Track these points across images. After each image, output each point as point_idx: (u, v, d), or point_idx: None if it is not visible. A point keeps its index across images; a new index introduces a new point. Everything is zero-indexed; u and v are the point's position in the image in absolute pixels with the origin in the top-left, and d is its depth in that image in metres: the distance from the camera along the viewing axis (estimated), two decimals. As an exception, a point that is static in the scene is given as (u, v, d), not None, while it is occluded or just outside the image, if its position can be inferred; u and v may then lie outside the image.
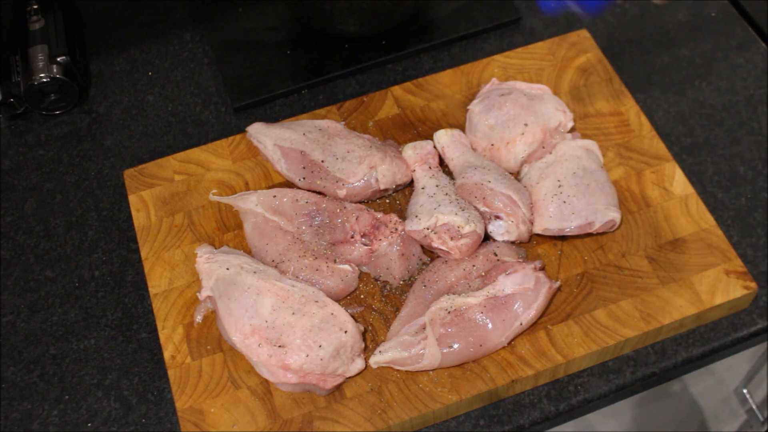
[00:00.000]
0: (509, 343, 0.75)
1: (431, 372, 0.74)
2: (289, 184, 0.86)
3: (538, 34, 1.01)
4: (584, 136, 0.88)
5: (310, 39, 1.02)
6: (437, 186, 0.83)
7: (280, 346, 0.73)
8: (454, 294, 0.77)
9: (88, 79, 1.01)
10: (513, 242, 0.81)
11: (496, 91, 0.89)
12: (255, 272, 0.77)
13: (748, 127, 0.93)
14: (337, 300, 0.78)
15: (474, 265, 0.79)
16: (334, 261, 0.80)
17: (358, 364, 0.74)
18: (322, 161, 0.84)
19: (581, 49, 0.95)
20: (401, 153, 0.86)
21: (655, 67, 0.98)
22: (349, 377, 0.74)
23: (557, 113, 0.87)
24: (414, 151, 0.86)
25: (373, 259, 0.81)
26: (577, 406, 0.76)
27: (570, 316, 0.77)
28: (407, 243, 0.81)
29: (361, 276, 0.81)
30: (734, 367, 1.04)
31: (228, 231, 0.84)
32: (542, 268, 0.79)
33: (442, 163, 0.87)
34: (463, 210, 0.79)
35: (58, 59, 0.95)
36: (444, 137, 0.87)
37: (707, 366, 0.82)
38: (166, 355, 0.77)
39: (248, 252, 0.82)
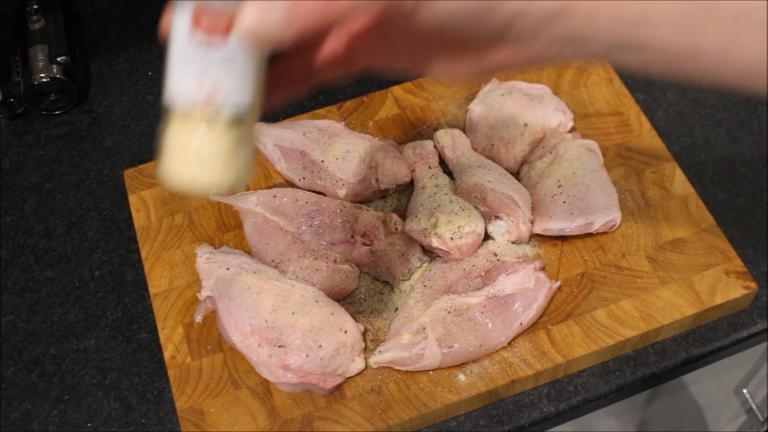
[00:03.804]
0: (509, 343, 0.75)
1: (431, 372, 0.74)
2: (289, 184, 0.86)
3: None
4: (584, 136, 0.88)
5: (310, 39, 1.01)
6: (437, 186, 0.83)
7: (280, 346, 0.73)
8: (454, 294, 0.77)
9: (88, 79, 1.01)
10: (513, 242, 0.81)
11: (496, 91, 0.89)
12: (255, 272, 0.77)
13: (748, 127, 0.93)
14: (337, 300, 0.78)
15: (474, 265, 0.79)
16: (334, 261, 0.80)
17: (358, 364, 0.74)
18: (322, 161, 0.84)
19: (581, 49, 0.95)
20: (401, 153, 0.86)
21: (655, 67, 0.98)
22: (349, 377, 0.74)
23: (557, 113, 0.87)
24: (414, 151, 0.86)
25: (373, 259, 0.81)
26: (577, 406, 0.76)
27: (570, 316, 0.77)
28: (407, 243, 0.81)
29: (361, 276, 0.81)
30: (734, 367, 1.04)
31: (228, 231, 0.84)
32: (542, 268, 0.79)
33: (442, 163, 0.87)
34: (463, 210, 0.79)
35: (58, 59, 0.95)
36: (444, 137, 0.87)
37: (707, 366, 0.82)
38: (166, 355, 0.77)
39: (248, 252, 0.82)
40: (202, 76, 0.41)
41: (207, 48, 0.41)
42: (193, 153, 0.43)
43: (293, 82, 0.48)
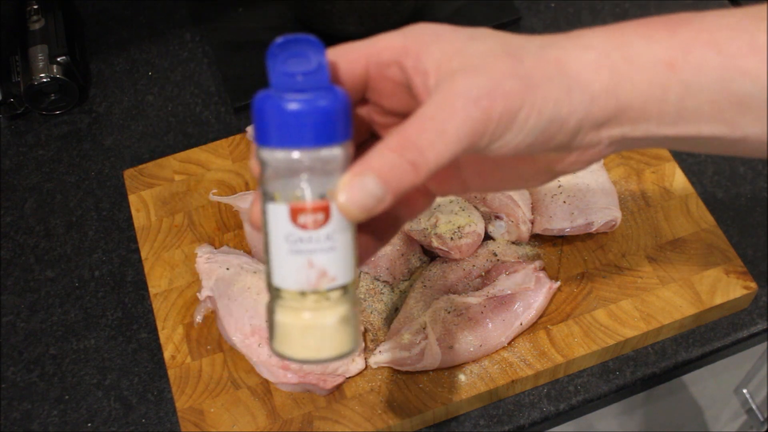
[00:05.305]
0: (509, 343, 0.75)
1: (431, 372, 0.74)
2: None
3: (538, 34, 1.01)
4: (584, 136, 0.87)
5: (310, 39, 1.01)
6: (437, 186, 0.83)
7: (280, 346, 0.73)
8: (454, 294, 0.77)
9: (88, 79, 1.01)
10: (513, 242, 0.81)
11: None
12: (255, 272, 0.77)
13: (748, 127, 0.92)
14: (337, 300, 0.78)
15: (474, 265, 0.79)
16: (334, 261, 0.80)
17: (358, 364, 0.74)
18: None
19: (581, 49, 0.95)
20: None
21: (655, 67, 0.98)
22: (349, 377, 0.74)
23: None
24: (414, 151, 0.86)
25: (373, 259, 0.81)
26: (577, 406, 0.76)
27: (570, 316, 0.77)
28: (407, 243, 0.81)
29: (361, 276, 0.81)
30: (734, 367, 1.05)
31: (228, 231, 0.84)
32: (542, 268, 0.79)
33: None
34: (463, 210, 0.79)
35: (58, 59, 0.95)
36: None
37: (707, 366, 0.82)
38: (166, 355, 0.77)
39: (248, 252, 0.82)
40: (308, 265, 0.42)
41: (308, 239, 0.41)
42: (309, 330, 0.43)
43: (383, 236, 0.50)
